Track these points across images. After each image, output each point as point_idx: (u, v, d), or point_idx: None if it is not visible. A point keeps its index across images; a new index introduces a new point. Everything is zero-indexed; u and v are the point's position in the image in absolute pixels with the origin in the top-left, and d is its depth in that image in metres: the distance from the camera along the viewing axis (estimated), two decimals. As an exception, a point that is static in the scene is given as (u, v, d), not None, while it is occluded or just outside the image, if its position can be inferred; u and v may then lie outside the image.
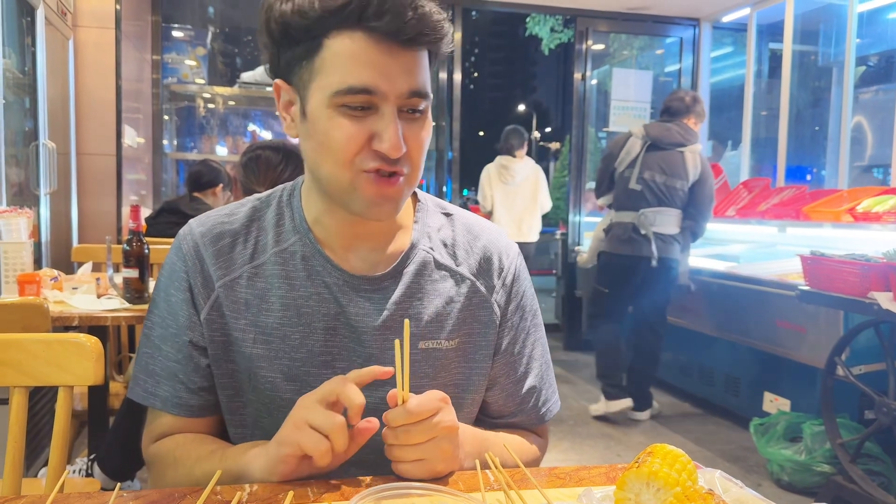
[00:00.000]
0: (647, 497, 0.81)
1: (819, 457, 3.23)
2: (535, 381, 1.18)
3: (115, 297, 2.47)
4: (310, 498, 0.92)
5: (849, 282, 2.94)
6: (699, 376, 4.68)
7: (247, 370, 1.06)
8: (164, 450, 1.05)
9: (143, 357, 1.08)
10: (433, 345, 1.09)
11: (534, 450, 1.19)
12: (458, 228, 1.17)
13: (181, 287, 1.06)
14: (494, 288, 1.15)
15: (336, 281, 1.06)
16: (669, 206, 4.17)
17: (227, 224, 1.09)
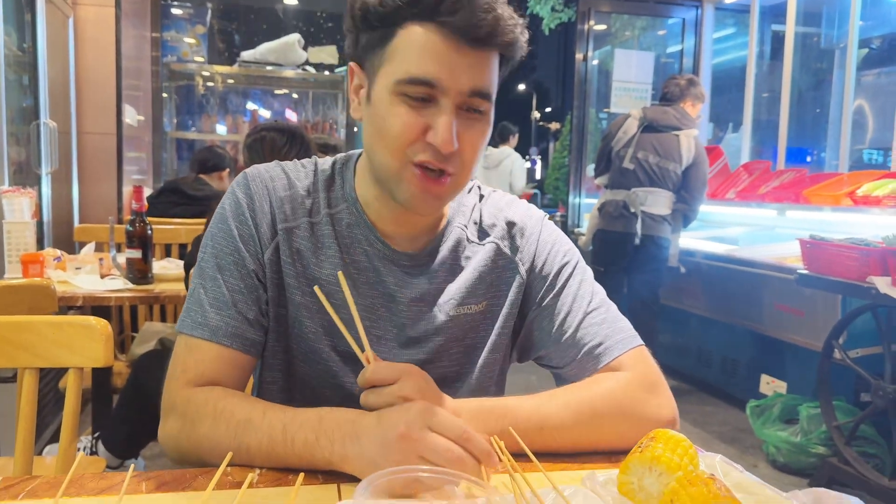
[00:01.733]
0: (649, 481, 0.83)
1: (814, 439, 3.27)
2: (578, 329, 1.15)
3: (119, 277, 2.48)
4: (318, 480, 0.93)
5: (847, 266, 2.95)
6: (697, 358, 4.72)
7: (294, 317, 1.11)
8: (203, 398, 1.00)
9: (195, 290, 1.08)
10: (464, 310, 1.15)
11: (604, 390, 1.08)
12: (487, 207, 1.22)
13: (247, 222, 1.09)
14: (518, 248, 1.20)
15: (378, 252, 1.12)
16: (661, 186, 4.22)
17: (292, 175, 1.14)
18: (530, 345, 1.23)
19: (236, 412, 0.98)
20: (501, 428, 0.99)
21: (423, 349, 1.14)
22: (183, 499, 0.86)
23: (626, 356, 1.14)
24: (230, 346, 1.05)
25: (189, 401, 1.01)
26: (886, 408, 2.89)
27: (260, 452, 0.95)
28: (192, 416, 1.00)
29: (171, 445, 1.04)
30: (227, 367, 1.06)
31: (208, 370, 1.05)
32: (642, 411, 1.06)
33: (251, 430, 0.95)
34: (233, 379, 1.07)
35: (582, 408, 1.05)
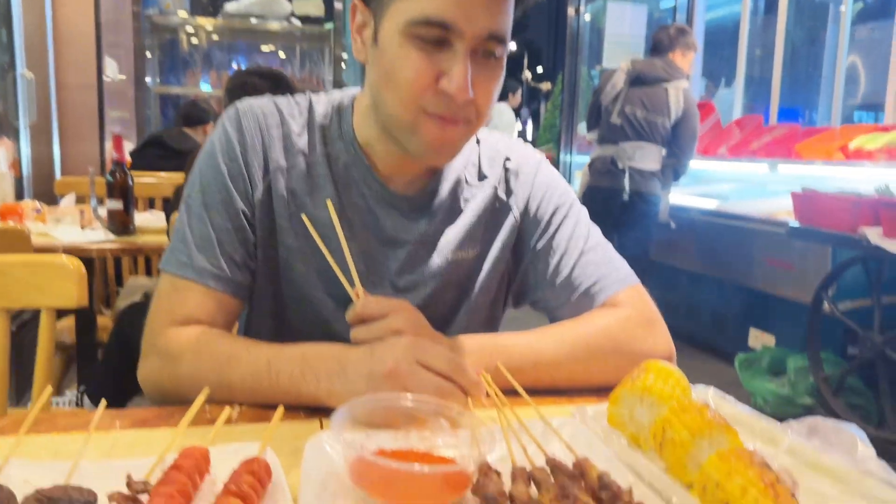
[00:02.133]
0: (640, 412, 0.80)
1: (802, 390, 3.29)
2: (573, 270, 1.13)
3: (100, 228, 2.43)
4: (301, 415, 0.91)
5: (839, 217, 2.93)
6: (686, 313, 4.72)
7: (285, 260, 1.07)
8: (185, 336, 0.97)
9: (181, 227, 1.04)
10: (461, 255, 1.12)
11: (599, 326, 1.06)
12: (484, 149, 1.18)
13: (237, 160, 1.04)
14: (513, 191, 1.16)
15: (375, 194, 1.08)
16: (650, 141, 4.13)
17: (286, 112, 1.09)
18: (526, 289, 1.21)
19: (220, 348, 0.95)
20: (494, 364, 0.96)
21: (418, 294, 1.11)
22: (158, 436, 0.84)
23: (623, 294, 1.11)
24: (216, 289, 1.02)
25: (171, 340, 0.98)
26: (874, 359, 2.90)
27: (244, 388, 0.92)
28: (173, 355, 0.97)
29: (152, 385, 1.01)
30: (212, 309, 1.02)
31: (193, 312, 1.01)
32: (638, 347, 1.04)
33: (235, 365, 0.92)
34: (218, 321, 1.03)
35: (577, 343, 1.03)
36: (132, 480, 0.66)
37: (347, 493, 0.63)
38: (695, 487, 0.66)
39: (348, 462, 0.67)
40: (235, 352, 0.94)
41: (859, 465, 0.70)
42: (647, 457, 0.77)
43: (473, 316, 1.17)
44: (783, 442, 0.78)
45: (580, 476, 0.67)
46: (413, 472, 0.64)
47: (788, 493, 0.59)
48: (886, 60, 4.47)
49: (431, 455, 0.73)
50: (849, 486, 0.69)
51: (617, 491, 0.63)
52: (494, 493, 0.61)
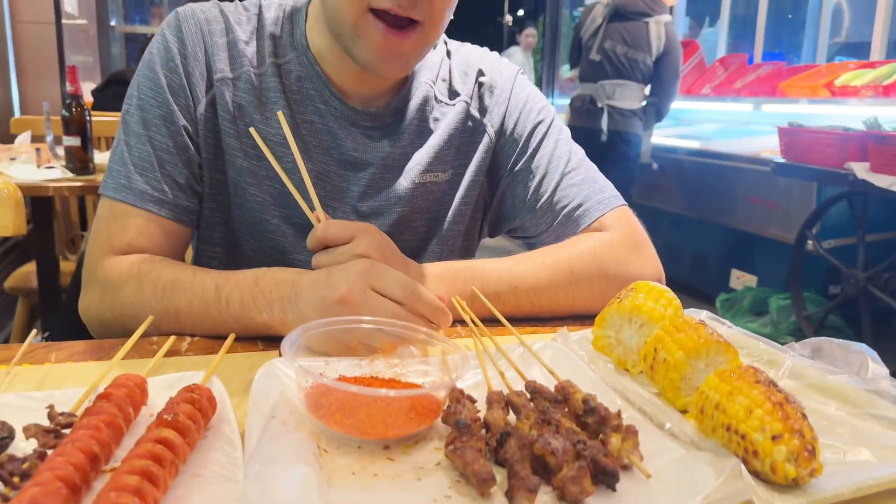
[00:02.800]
0: (628, 334, 0.73)
1: (784, 329, 3.27)
2: (555, 192, 1.05)
3: (58, 167, 2.30)
4: (258, 346, 0.83)
5: (826, 153, 2.87)
6: (667, 255, 4.63)
7: (235, 183, 0.98)
8: (127, 263, 0.89)
9: (119, 148, 0.95)
10: (430, 178, 1.04)
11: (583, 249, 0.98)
12: (455, 62, 1.08)
13: (177, 70, 0.94)
14: (487, 109, 1.08)
15: (333, 111, 0.98)
16: (630, 79, 3.99)
17: (232, 18, 0.99)
18: (503, 215, 1.12)
19: (163, 274, 0.86)
20: (469, 289, 0.90)
21: (383, 221, 1.02)
22: (95, 369, 0.75)
23: (609, 216, 1.04)
24: (158, 214, 0.93)
25: (111, 268, 0.90)
26: (857, 296, 2.87)
27: (191, 315, 0.84)
28: (114, 283, 0.89)
29: (93, 318, 0.93)
30: (155, 235, 0.93)
31: (134, 239, 0.92)
32: (625, 271, 0.97)
33: (179, 290, 0.84)
34: (163, 250, 0.94)
35: (559, 267, 0.95)
36: (55, 412, 0.58)
37: (302, 422, 0.55)
38: (691, 411, 0.59)
39: (303, 390, 0.59)
40: (180, 277, 0.85)
41: (870, 384, 0.64)
42: (636, 381, 0.70)
43: (446, 245, 1.09)
44: (785, 363, 0.71)
45: (563, 401, 0.60)
46: (375, 397, 0.57)
47: (799, 413, 0.52)
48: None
49: (397, 382, 0.66)
50: (858, 407, 0.63)
51: (605, 415, 0.56)
52: (467, 420, 0.54)
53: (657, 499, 0.49)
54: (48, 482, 0.46)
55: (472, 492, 0.50)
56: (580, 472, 0.49)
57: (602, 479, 0.50)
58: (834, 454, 0.56)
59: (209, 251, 1.04)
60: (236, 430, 0.58)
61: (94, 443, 0.52)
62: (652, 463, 0.53)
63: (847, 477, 0.52)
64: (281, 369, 0.65)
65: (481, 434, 0.55)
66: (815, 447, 0.51)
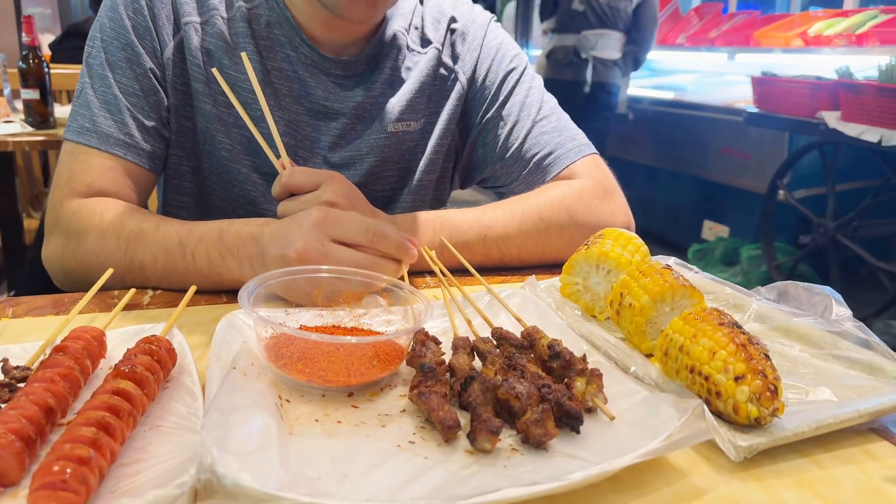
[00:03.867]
0: (596, 280, 0.73)
1: (754, 279, 3.31)
2: (525, 141, 1.04)
3: (17, 120, 2.23)
4: (222, 300, 0.82)
5: (798, 102, 2.87)
6: (640, 207, 4.67)
7: (204, 131, 0.96)
8: (89, 210, 0.86)
9: (83, 89, 0.92)
10: (402, 127, 1.02)
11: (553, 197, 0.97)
12: (428, 9, 1.06)
13: (142, 11, 0.91)
14: (459, 56, 1.06)
15: (303, 58, 0.96)
16: (612, 28, 3.94)
17: None
18: (474, 164, 1.11)
19: (126, 223, 0.84)
20: (438, 238, 0.89)
21: (355, 171, 1.00)
22: (54, 323, 0.73)
23: (579, 164, 1.03)
24: (123, 157, 0.90)
25: (74, 213, 0.87)
26: (826, 245, 2.91)
27: (155, 269, 0.82)
28: (76, 230, 0.86)
29: (57, 266, 0.90)
30: (119, 179, 0.91)
31: (97, 181, 0.89)
32: (595, 218, 0.96)
33: (143, 243, 0.82)
34: (127, 194, 0.92)
35: (528, 215, 0.94)
36: (9, 366, 0.56)
37: (263, 373, 0.55)
38: (656, 354, 0.59)
39: (263, 340, 0.58)
40: (144, 228, 0.82)
41: (833, 326, 0.64)
42: (603, 327, 0.70)
43: (417, 195, 1.07)
44: (750, 307, 0.72)
45: (529, 346, 0.60)
46: (337, 344, 0.56)
47: (762, 353, 0.53)
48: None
49: (360, 330, 0.65)
50: (822, 349, 0.63)
51: (569, 359, 0.55)
52: (431, 363, 0.53)
53: (621, 440, 0.49)
54: (1, 436, 0.45)
55: (436, 436, 0.50)
56: (544, 414, 0.49)
57: (566, 422, 0.50)
58: (796, 394, 0.57)
59: (177, 200, 1.02)
60: (197, 382, 0.57)
61: (48, 395, 0.50)
62: (616, 406, 0.53)
63: (808, 416, 0.52)
64: (243, 320, 0.64)
65: (446, 378, 0.54)
66: (777, 387, 0.51)
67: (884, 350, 0.60)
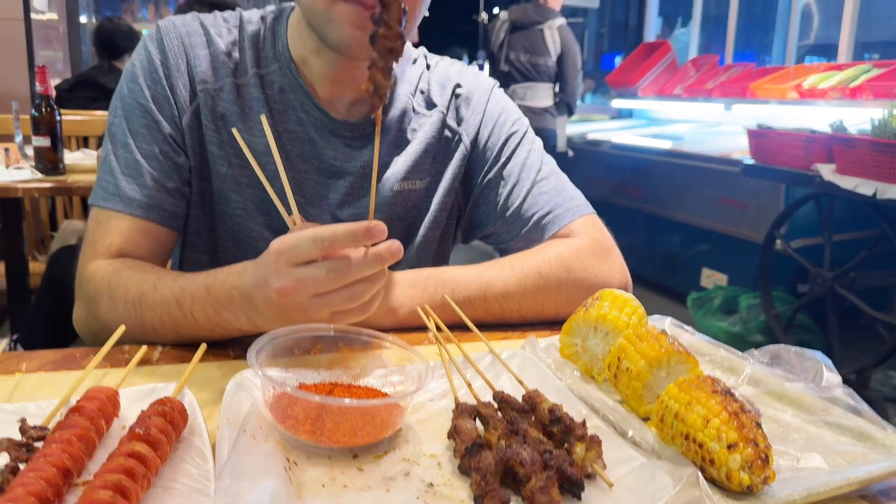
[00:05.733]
0: (594, 342, 0.75)
1: (753, 328, 3.33)
2: (525, 200, 1.07)
3: (27, 167, 2.27)
4: (230, 356, 0.84)
5: (793, 154, 2.92)
6: (639, 254, 4.73)
7: (219, 191, 1.00)
8: (101, 274, 0.89)
9: (106, 157, 0.96)
10: (408, 186, 1.05)
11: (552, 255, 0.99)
12: (434, 75, 1.11)
13: (160, 81, 0.96)
14: (463, 119, 1.10)
15: (314, 121, 1.00)
16: (537, 80, 4.50)
17: (213, 30, 1.00)
18: (476, 221, 1.14)
19: (130, 287, 0.86)
20: (440, 295, 0.91)
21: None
22: (68, 379, 0.75)
23: (577, 223, 1.06)
24: (145, 218, 0.94)
25: (90, 278, 0.91)
26: (824, 295, 2.93)
27: (165, 330, 0.84)
28: (92, 294, 0.90)
29: (83, 329, 0.95)
30: (140, 239, 0.94)
31: (117, 242, 0.93)
32: (593, 276, 0.99)
33: (147, 306, 0.84)
34: (148, 253, 0.95)
35: (528, 272, 0.96)
36: (27, 425, 0.58)
37: (271, 433, 0.56)
38: (653, 419, 0.61)
39: (269, 399, 0.60)
40: (144, 291, 0.85)
41: (824, 392, 0.66)
42: (601, 389, 0.72)
43: (422, 251, 1.10)
44: (744, 370, 0.74)
45: (530, 410, 0.62)
46: (342, 407, 0.58)
47: (754, 422, 0.55)
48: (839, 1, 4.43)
49: (357, 388, 0.67)
50: (813, 414, 0.65)
51: (570, 424, 0.57)
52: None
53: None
54: (21, 498, 0.47)
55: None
56: (548, 482, 0.50)
57: (568, 488, 0.52)
58: (788, 461, 0.59)
59: (193, 258, 1.05)
60: (207, 443, 0.58)
61: (66, 457, 0.52)
62: (614, 471, 0.55)
63: (799, 483, 0.54)
64: (251, 380, 0.66)
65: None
66: (768, 455, 0.53)
67: (873, 417, 0.62)
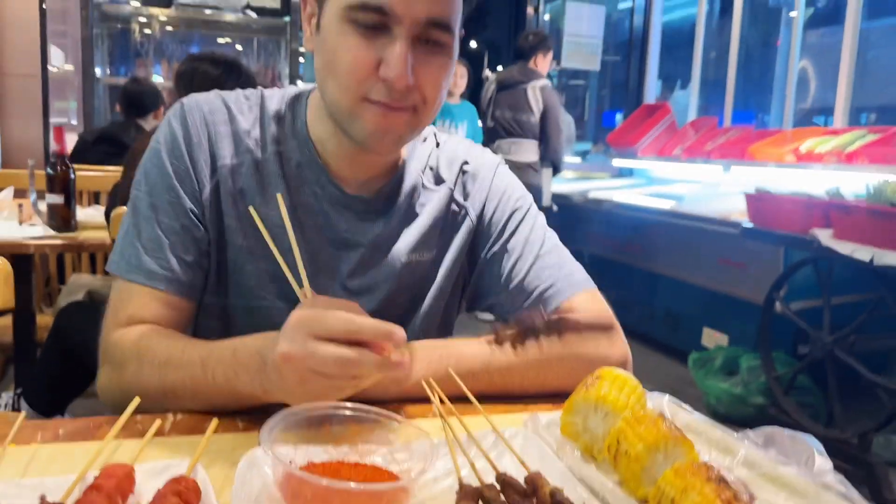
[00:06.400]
0: (594, 422, 0.78)
1: (754, 389, 3.32)
2: (528, 274, 1.11)
3: (40, 224, 2.32)
4: (238, 427, 0.86)
5: (791, 219, 2.97)
6: (640, 312, 4.76)
7: (234, 262, 1.03)
8: (129, 340, 0.93)
9: (128, 229, 1.00)
10: (416, 258, 1.09)
11: None
12: (443, 152, 1.16)
13: (182, 158, 1.00)
14: (469, 194, 1.15)
15: (329, 195, 1.04)
16: (522, 137, 4.73)
17: (234, 108, 1.05)
18: (480, 293, 1.18)
19: (158, 351, 0.91)
20: (444, 368, 0.94)
21: (371, 298, 1.07)
22: (82, 449, 0.78)
23: (578, 298, 1.09)
24: (166, 291, 0.99)
25: (117, 345, 0.95)
26: (823, 358, 2.94)
27: (185, 392, 0.88)
28: (119, 361, 0.94)
29: (107, 396, 0.98)
30: (161, 310, 0.99)
31: (139, 313, 0.98)
32: (594, 350, 1.01)
33: (172, 368, 0.88)
34: (169, 322, 0.99)
35: (530, 346, 0.99)
36: (46, 502, 0.61)
37: (282, 514, 0.59)
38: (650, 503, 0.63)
39: (278, 479, 0.63)
40: (172, 354, 0.89)
41: (816, 477, 0.68)
42: (601, 469, 0.74)
43: (427, 320, 1.14)
44: (739, 452, 0.76)
45: (532, 494, 0.64)
46: (345, 489, 0.60)
47: (746, 510, 0.57)
48: (836, 65, 4.56)
49: (364, 467, 0.69)
50: (806, 499, 0.67)
51: (569, 509, 0.59)
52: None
53: None
54: (43, 579, 0.49)
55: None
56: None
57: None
58: (781, 547, 0.60)
59: (206, 324, 1.09)
60: (220, 521, 0.61)
61: (85, 537, 0.54)
62: (612, 557, 0.57)
63: (791, 571, 0.56)
64: (262, 458, 0.68)
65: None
66: (760, 544, 0.55)
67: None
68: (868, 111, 5.93)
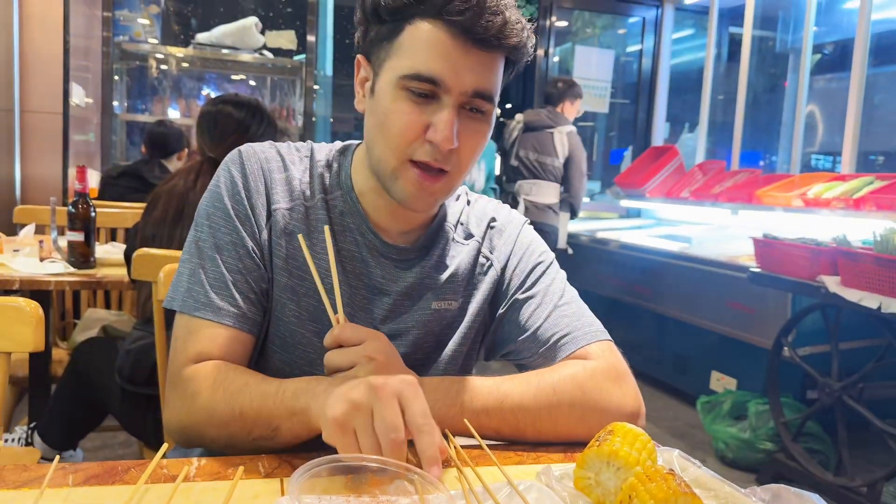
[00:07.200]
0: (607, 476, 0.80)
1: (762, 435, 3.32)
2: (546, 321, 1.16)
3: (59, 260, 2.37)
4: (260, 473, 0.89)
5: (799, 265, 3.00)
6: (649, 355, 4.76)
7: (277, 300, 1.09)
8: (205, 371, 1.00)
9: (194, 269, 1.06)
10: (444, 305, 1.16)
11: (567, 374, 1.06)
12: (473, 210, 1.25)
13: (242, 201, 1.08)
14: (495, 248, 1.22)
15: (368, 243, 1.12)
16: (544, 178, 4.81)
17: (287, 158, 1.13)
18: (499, 339, 1.23)
19: (236, 379, 0.98)
20: (459, 403, 0.99)
21: (401, 342, 1.13)
22: (112, 493, 0.81)
23: (593, 347, 1.13)
24: (233, 326, 1.05)
25: (191, 378, 1.01)
26: (832, 405, 2.94)
27: (251, 410, 0.93)
28: (192, 391, 1.00)
29: (174, 426, 1.03)
30: (228, 345, 1.05)
31: (208, 348, 1.03)
32: (606, 399, 1.05)
33: (246, 392, 0.95)
34: (235, 357, 1.05)
35: (543, 387, 1.04)
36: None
37: (308, 564, 0.61)
38: (660, 560, 0.66)
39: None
40: (250, 381, 0.97)
41: (822, 536, 0.71)
42: (612, 523, 0.76)
43: (449, 364, 1.19)
44: (747, 509, 0.78)
45: (546, 547, 0.66)
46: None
47: (753, 570, 0.59)
48: (843, 110, 4.61)
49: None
50: (811, 557, 0.69)
51: (583, 564, 0.62)
52: None
53: None
54: None
55: None
56: None
57: None
58: None
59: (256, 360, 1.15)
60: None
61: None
62: None
63: None
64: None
65: None
66: None
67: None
68: (875, 154, 5.98)
